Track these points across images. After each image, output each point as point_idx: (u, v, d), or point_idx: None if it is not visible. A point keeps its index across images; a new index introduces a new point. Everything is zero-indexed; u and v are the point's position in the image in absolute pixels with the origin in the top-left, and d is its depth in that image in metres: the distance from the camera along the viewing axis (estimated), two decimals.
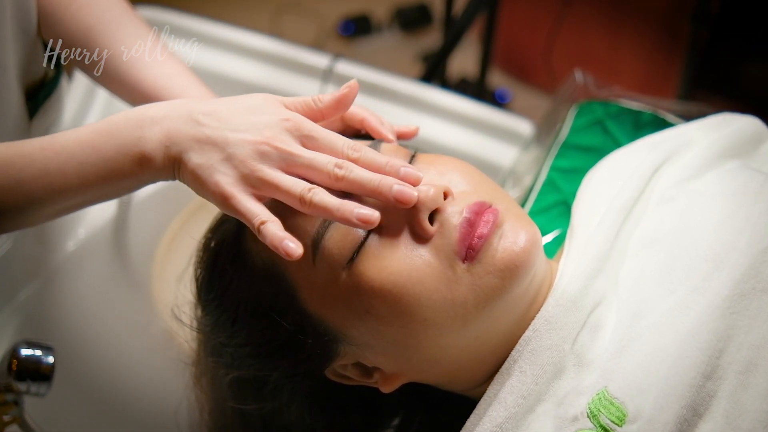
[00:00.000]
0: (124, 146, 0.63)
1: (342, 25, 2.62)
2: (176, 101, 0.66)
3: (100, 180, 0.64)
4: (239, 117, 0.63)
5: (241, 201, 0.61)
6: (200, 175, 0.62)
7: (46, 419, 0.78)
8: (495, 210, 0.64)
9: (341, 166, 0.61)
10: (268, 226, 0.60)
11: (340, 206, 0.60)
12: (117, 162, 0.63)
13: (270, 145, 0.61)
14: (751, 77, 2.01)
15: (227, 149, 0.61)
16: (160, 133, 0.63)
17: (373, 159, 0.64)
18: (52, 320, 0.97)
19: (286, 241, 0.59)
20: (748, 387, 0.60)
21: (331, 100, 0.67)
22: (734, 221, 0.68)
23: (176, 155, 0.63)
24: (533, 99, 2.32)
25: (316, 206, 0.60)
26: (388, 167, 0.63)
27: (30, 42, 0.83)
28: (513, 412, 0.64)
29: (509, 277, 0.63)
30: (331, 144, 0.63)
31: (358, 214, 0.60)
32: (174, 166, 0.63)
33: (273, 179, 0.61)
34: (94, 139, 0.64)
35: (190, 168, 0.62)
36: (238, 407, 0.76)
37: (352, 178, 0.61)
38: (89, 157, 0.63)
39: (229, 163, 0.61)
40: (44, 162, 0.63)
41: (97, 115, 1.12)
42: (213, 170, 0.61)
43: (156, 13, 1.26)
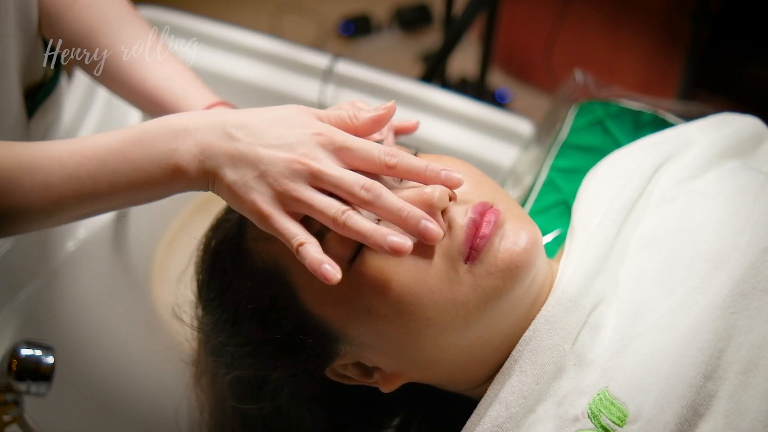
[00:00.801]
0: (158, 157, 0.63)
1: (342, 25, 2.62)
2: (209, 112, 0.65)
3: (130, 188, 0.64)
4: (272, 131, 0.62)
5: (278, 220, 0.61)
6: (237, 192, 0.62)
7: (46, 419, 0.78)
8: (496, 210, 0.65)
9: (369, 189, 0.61)
10: (307, 248, 0.60)
11: (373, 233, 0.60)
12: (149, 172, 0.63)
13: (301, 163, 0.61)
14: (751, 77, 2.01)
15: (260, 167, 0.61)
16: (193, 147, 0.63)
17: (412, 164, 0.63)
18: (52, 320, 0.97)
19: (325, 265, 0.59)
20: (748, 387, 0.60)
21: (368, 120, 0.66)
22: (734, 221, 0.68)
23: (210, 169, 0.62)
24: (533, 99, 2.32)
25: (349, 229, 0.60)
26: (429, 171, 0.63)
27: (30, 41, 0.83)
28: (513, 412, 0.64)
29: (510, 277, 0.63)
30: (367, 153, 0.63)
31: (391, 242, 0.59)
32: (209, 179, 0.63)
33: (307, 199, 0.61)
34: (125, 148, 0.63)
35: (226, 183, 0.62)
36: (239, 407, 0.76)
37: (380, 204, 0.61)
38: (120, 165, 0.63)
39: (263, 181, 0.61)
40: (75, 167, 0.63)
41: (98, 115, 1.12)
42: (248, 188, 0.61)
43: (156, 13, 1.26)
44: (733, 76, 2.02)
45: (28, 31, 0.81)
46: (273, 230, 0.61)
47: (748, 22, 1.95)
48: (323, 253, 0.60)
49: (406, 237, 0.60)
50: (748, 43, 1.96)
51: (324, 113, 0.65)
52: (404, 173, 0.63)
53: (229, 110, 0.65)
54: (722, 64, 1.99)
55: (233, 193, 0.62)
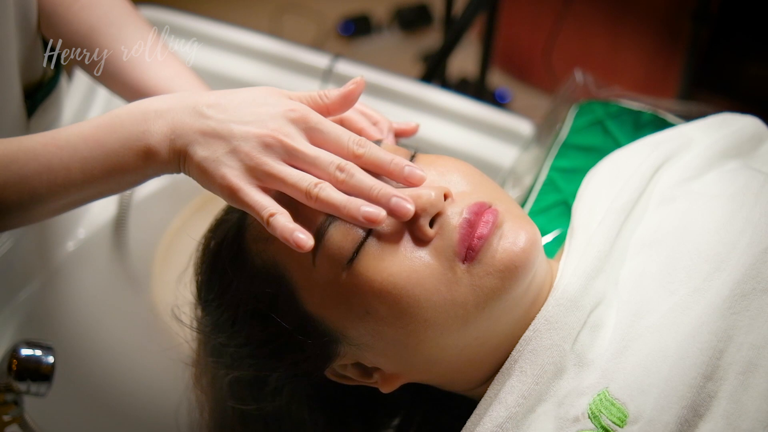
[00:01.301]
0: (129, 140, 0.63)
1: (342, 25, 2.62)
2: (179, 93, 0.66)
3: (104, 174, 0.64)
4: (244, 108, 0.63)
5: (248, 193, 0.61)
6: (206, 168, 0.62)
7: (46, 419, 0.78)
8: (495, 210, 0.64)
9: (343, 169, 0.61)
10: (278, 218, 0.60)
11: (347, 203, 0.60)
12: (121, 156, 0.63)
13: (275, 138, 0.61)
14: (751, 77, 2.01)
15: (232, 142, 0.61)
16: (164, 126, 0.63)
17: (378, 156, 0.63)
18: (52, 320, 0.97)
19: (297, 233, 0.59)
20: (748, 387, 0.60)
21: (337, 96, 0.67)
22: (735, 222, 0.68)
23: (181, 148, 0.62)
24: (533, 99, 2.32)
25: (322, 201, 0.60)
26: (393, 165, 0.63)
27: (30, 40, 0.83)
28: (513, 412, 0.64)
29: (509, 277, 0.63)
30: (337, 138, 0.63)
31: (365, 212, 0.60)
32: (179, 159, 0.63)
33: (279, 173, 0.61)
34: (97, 134, 0.63)
35: (195, 161, 0.62)
36: (238, 407, 0.76)
37: (353, 183, 0.61)
38: (93, 151, 0.63)
39: (234, 156, 0.61)
40: (47, 157, 0.63)
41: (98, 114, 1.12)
42: (219, 163, 0.61)
43: (156, 13, 1.26)
44: (733, 76, 2.02)
45: (27, 31, 0.81)
46: (243, 204, 0.61)
47: (748, 21, 1.95)
48: (294, 222, 0.59)
49: (378, 207, 0.60)
50: (748, 43, 1.97)
51: (295, 94, 0.66)
52: (369, 164, 0.63)
53: (200, 91, 0.65)
54: (722, 64, 1.99)
55: (203, 169, 0.62)
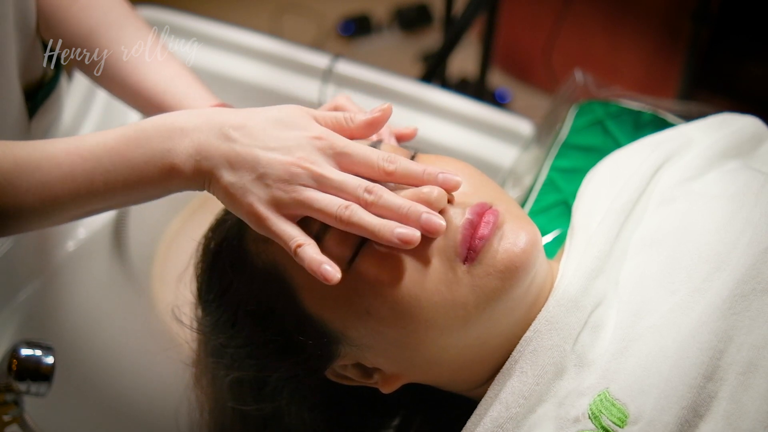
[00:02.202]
0: (153, 157, 0.63)
1: (342, 25, 2.62)
2: (206, 111, 0.65)
3: (127, 187, 0.63)
4: (270, 132, 0.62)
5: (275, 223, 0.61)
6: (233, 194, 0.62)
7: (46, 419, 0.78)
8: (495, 211, 0.64)
9: (371, 191, 0.61)
10: (306, 249, 0.60)
11: (381, 227, 0.60)
12: (145, 171, 0.63)
13: (301, 167, 0.61)
14: (751, 77, 2.01)
15: (258, 169, 0.61)
16: (190, 147, 0.62)
17: (410, 169, 0.63)
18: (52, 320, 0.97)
19: (324, 266, 0.59)
20: (748, 388, 0.60)
21: (363, 122, 0.66)
22: (735, 222, 0.68)
23: (207, 170, 0.62)
24: (533, 99, 2.32)
25: (354, 224, 0.60)
26: (426, 175, 0.63)
27: (29, 41, 0.83)
28: (514, 413, 0.64)
29: (509, 278, 0.63)
30: (367, 159, 0.63)
31: (399, 234, 0.59)
32: (205, 179, 0.63)
33: (306, 199, 0.60)
34: (121, 147, 0.63)
35: (222, 185, 0.62)
36: (238, 408, 0.76)
37: (381, 204, 0.61)
38: (116, 165, 0.63)
39: (261, 183, 0.61)
40: (71, 167, 0.62)
41: (97, 115, 1.12)
42: (245, 191, 0.61)
43: (156, 13, 1.26)
44: (733, 76, 2.02)
45: (26, 32, 0.81)
46: (270, 233, 0.61)
47: (748, 21, 1.95)
48: (321, 254, 0.60)
49: (413, 228, 0.60)
50: (748, 43, 1.97)
51: (321, 114, 0.65)
52: (402, 178, 0.63)
53: (226, 109, 0.65)
54: (722, 64, 1.99)
55: (230, 195, 0.62)
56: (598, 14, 2.16)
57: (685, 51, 1.85)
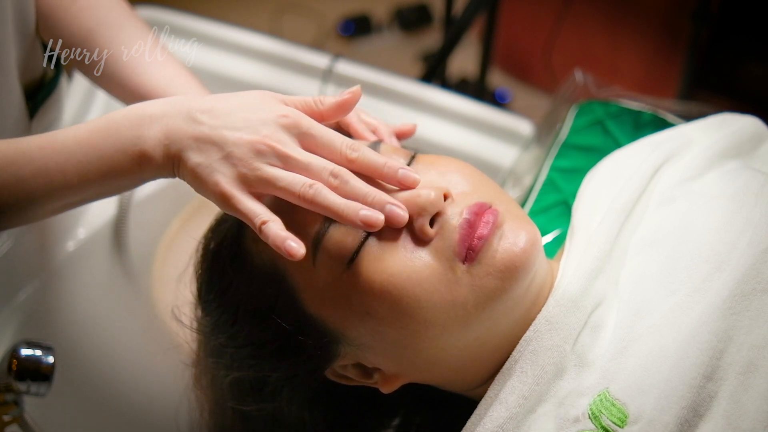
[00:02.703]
0: (124, 145, 0.63)
1: (342, 25, 2.62)
2: (174, 98, 0.66)
3: (99, 178, 0.64)
4: (237, 114, 0.63)
5: (241, 200, 0.61)
6: (200, 174, 0.62)
7: (46, 419, 0.78)
8: (495, 211, 0.64)
9: (336, 175, 0.61)
10: (270, 225, 0.60)
11: (345, 207, 0.60)
12: (116, 160, 0.63)
13: (267, 145, 0.61)
14: (751, 77, 2.01)
15: (225, 148, 0.61)
16: (159, 132, 0.63)
17: (371, 159, 0.63)
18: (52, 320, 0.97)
19: (289, 241, 0.59)
20: (748, 388, 0.60)
21: (333, 104, 0.67)
22: (735, 222, 0.68)
23: (175, 153, 0.63)
24: (533, 99, 2.32)
25: (318, 203, 0.60)
26: (386, 168, 0.63)
27: (28, 42, 0.82)
28: (514, 413, 0.64)
29: (509, 278, 0.63)
30: (330, 143, 0.63)
31: (363, 216, 0.60)
32: (173, 164, 0.63)
33: (271, 177, 0.61)
34: (92, 138, 0.64)
35: (189, 167, 0.62)
36: (238, 408, 0.76)
37: (347, 189, 0.61)
38: (88, 155, 0.63)
39: (227, 162, 0.61)
40: (43, 160, 0.63)
41: (97, 115, 1.12)
42: (212, 169, 0.61)
43: (156, 13, 1.26)
44: (733, 76, 2.02)
45: (25, 32, 0.81)
46: (235, 211, 0.61)
47: (748, 21, 1.95)
48: (286, 230, 0.60)
49: (376, 211, 0.60)
50: (748, 43, 1.97)
51: (289, 98, 0.66)
52: (363, 168, 0.63)
53: (195, 96, 0.66)
54: (722, 64, 1.99)
55: (196, 175, 0.62)
56: (598, 14, 2.16)
57: (685, 51, 1.85)
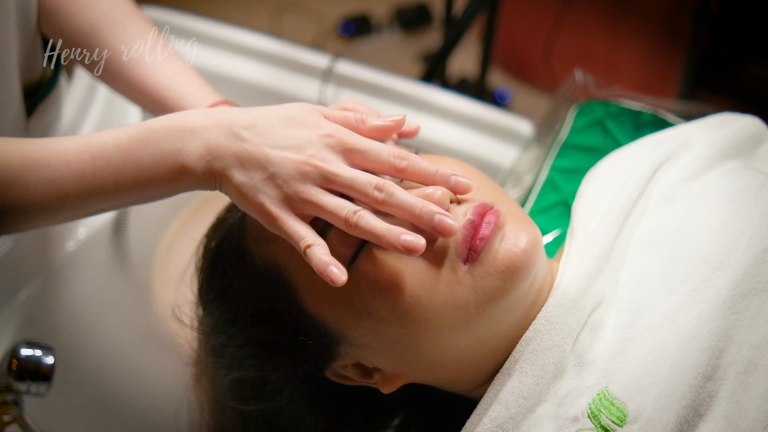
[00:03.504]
0: (164, 157, 0.62)
1: (342, 25, 2.62)
2: (216, 111, 0.65)
3: (137, 187, 0.63)
4: (280, 131, 0.62)
5: (286, 222, 0.61)
6: (245, 194, 0.62)
7: (46, 419, 0.78)
8: (497, 211, 0.64)
9: (381, 189, 0.61)
10: (315, 249, 0.60)
11: (386, 232, 0.60)
12: (155, 172, 0.63)
13: (312, 165, 0.61)
14: (751, 77, 2.01)
15: (269, 168, 0.61)
16: (200, 147, 0.62)
17: (422, 168, 0.63)
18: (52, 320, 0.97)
19: (331, 267, 0.59)
20: (748, 387, 0.60)
21: (374, 128, 0.66)
22: (735, 222, 0.68)
23: (219, 170, 0.62)
24: (533, 99, 2.32)
25: (362, 230, 0.60)
26: (438, 175, 0.63)
27: (30, 39, 0.82)
28: (514, 413, 0.64)
29: (510, 278, 0.63)
30: (377, 156, 0.62)
31: (404, 241, 0.59)
32: (216, 179, 0.63)
33: (318, 201, 0.61)
34: (131, 147, 0.63)
35: (234, 185, 0.62)
36: (239, 408, 0.76)
37: (392, 202, 0.61)
38: (126, 164, 0.63)
39: (272, 183, 0.61)
40: (80, 165, 0.62)
41: (98, 114, 1.12)
42: (257, 190, 0.61)
43: (156, 13, 1.26)
44: (733, 76, 2.02)
45: (27, 29, 0.81)
46: (281, 232, 0.61)
47: (748, 22, 1.95)
48: (330, 256, 0.60)
49: (418, 236, 0.60)
50: (748, 43, 1.97)
51: (330, 112, 0.65)
52: (414, 176, 0.63)
53: (236, 109, 0.65)
54: (722, 64, 1.99)
55: (242, 194, 0.62)
56: (598, 14, 2.16)
57: (685, 51, 1.85)
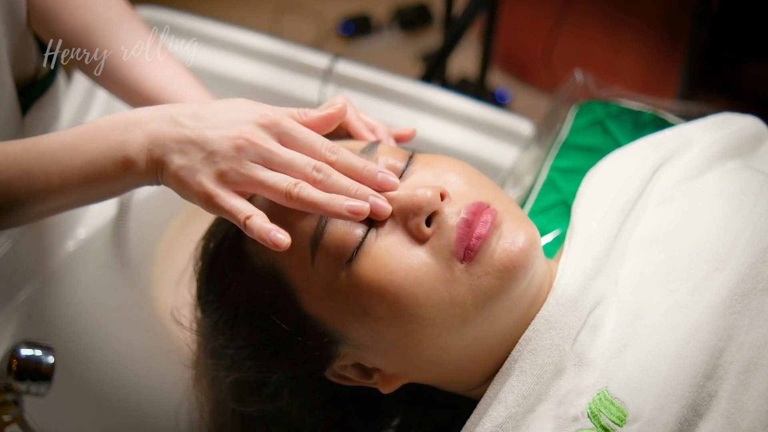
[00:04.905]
0: (108, 149, 0.64)
1: (342, 25, 2.62)
2: (161, 106, 0.66)
3: (83, 182, 0.64)
4: (219, 115, 0.63)
5: (224, 198, 0.61)
6: (183, 177, 0.62)
7: (46, 419, 0.78)
8: (493, 210, 0.64)
9: (320, 170, 0.62)
10: (254, 219, 0.60)
11: (330, 200, 0.61)
12: (100, 165, 0.64)
13: (247, 140, 0.61)
14: (751, 77, 2.01)
15: (207, 147, 0.62)
16: (142, 136, 0.63)
17: (351, 162, 0.64)
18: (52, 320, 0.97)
19: (273, 232, 0.60)
20: (748, 387, 0.60)
21: (317, 117, 0.67)
22: (735, 221, 0.68)
23: (159, 157, 0.63)
24: (533, 99, 2.33)
25: (303, 201, 0.61)
26: (366, 171, 0.64)
27: (19, 37, 0.82)
28: (513, 412, 0.64)
29: (508, 277, 0.63)
30: (310, 143, 0.64)
31: (349, 206, 0.61)
32: (157, 168, 0.64)
33: (256, 175, 0.61)
34: (77, 142, 0.64)
35: (172, 170, 0.62)
36: (239, 409, 0.76)
37: (330, 183, 0.62)
38: (72, 159, 0.64)
39: (209, 161, 0.61)
40: (27, 163, 0.63)
41: (97, 116, 1.12)
42: (194, 170, 0.62)
43: (156, 13, 1.26)
44: (733, 76, 2.02)
45: (15, 26, 0.81)
46: (219, 209, 0.62)
47: (748, 21, 1.95)
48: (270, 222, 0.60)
49: (362, 201, 0.61)
50: (748, 43, 1.97)
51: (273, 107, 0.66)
52: (343, 169, 0.64)
53: (181, 103, 0.66)
54: (722, 64, 2.00)
55: (179, 178, 0.62)
56: (598, 14, 2.16)
57: (685, 51, 1.85)
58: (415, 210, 0.63)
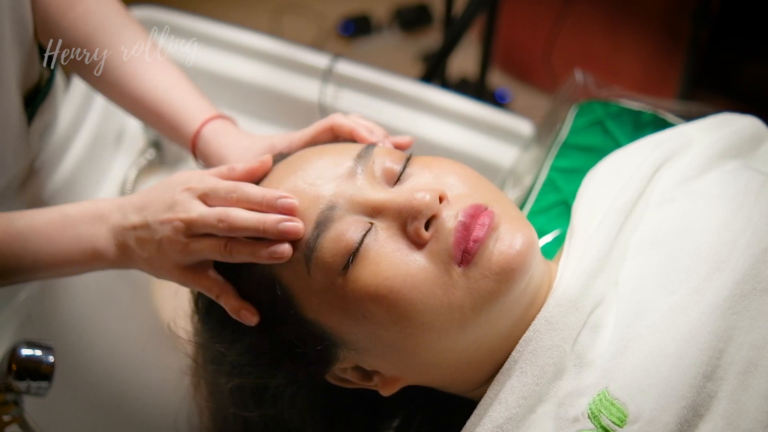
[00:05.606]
0: (78, 241, 0.70)
1: (342, 25, 2.62)
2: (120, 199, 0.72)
3: (53, 266, 0.71)
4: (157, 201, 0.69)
5: (195, 282, 0.69)
6: (151, 267, 0.70)
7: (46, 419, 0.78)
8: (491, 213, 0.64)
9: (223, 219, 0.66)
10: (224, 298, 0.68)
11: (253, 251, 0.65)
12: (71, 253, 0.71)
13: (179, 220, 0.67)
14: (751, 77, 2.01)
15: (155, 237, 0.68)
16: (107, 232, 0.71)
17: (249, 195, 0.67)
18: (52, 320, 0.97)
19: (243, 311, 0.67)
20: (748, 387, 0.60)
21: (242, 172, 0.71)
22: (735, 222, 0.68)
23: (125, 251, 0.71)
24: (533, 99, 2.33)
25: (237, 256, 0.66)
26: (265, 201, 0.66)
27: (27, 51, 0.82)
28: (513, 413, 0.64)
29: (506, 280, 0.63)
30: (216, 194, 0.68)
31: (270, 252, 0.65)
32: (126, 260, 0.71)
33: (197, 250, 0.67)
34: (47, 229, 0.70)
35: (140, 264, 0.71)
36: (240, 414, 0.75)
37: (237, 226, 0.65)
38: (43, 246, 0.70)
39: (162, 252, 0.68)
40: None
41: (95, 121, 1.12)
42: (158, 263, 0.69)
43: (156, 13, 1.26)
44: (733, 76, 2.02)
45: (24, 42, 0.81)
46: (198, 289, 0.70)
47: (748, 22, 1.95)
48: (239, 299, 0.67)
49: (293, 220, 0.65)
50: (748, 43, 1.97)
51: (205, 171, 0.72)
52: (244, 204, 0.67)
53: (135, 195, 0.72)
54: (722, 64, 1.99)
55: (149, 270, 0.71)
56: (598, 14, 2.16)
57: (685, 51, 1.85)
58: (414, 214, 0.63)
